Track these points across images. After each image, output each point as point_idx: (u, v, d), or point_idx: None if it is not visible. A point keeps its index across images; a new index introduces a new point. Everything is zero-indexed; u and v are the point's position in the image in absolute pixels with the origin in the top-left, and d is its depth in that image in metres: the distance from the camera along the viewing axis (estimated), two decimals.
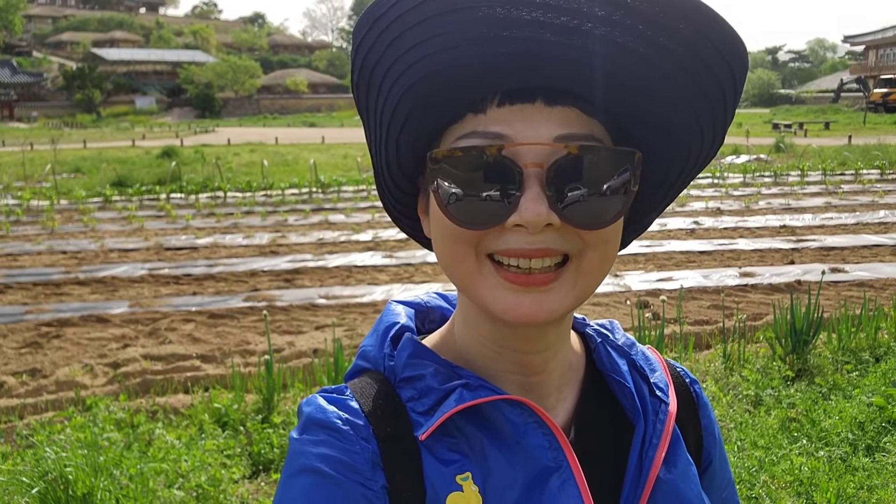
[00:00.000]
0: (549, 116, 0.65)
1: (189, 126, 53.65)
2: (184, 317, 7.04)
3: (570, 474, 0.70)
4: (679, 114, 0.67)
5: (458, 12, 0.61)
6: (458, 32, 0.62)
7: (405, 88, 0.66)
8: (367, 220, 12.32)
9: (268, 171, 17.96)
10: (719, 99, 0.66)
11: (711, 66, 0.63)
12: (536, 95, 0.65)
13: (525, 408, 0.71)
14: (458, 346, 0.77)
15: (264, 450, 4.00)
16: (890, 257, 8.88)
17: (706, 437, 0.85)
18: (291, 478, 0.68)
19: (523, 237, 0.64)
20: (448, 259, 0.70)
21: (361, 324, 6.75)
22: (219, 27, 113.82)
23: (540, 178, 0.64)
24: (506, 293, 0.66)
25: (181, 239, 10.89)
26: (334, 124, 54.82)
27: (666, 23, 0.61)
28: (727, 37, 0.62)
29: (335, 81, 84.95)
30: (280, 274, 8.71)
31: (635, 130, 0.69)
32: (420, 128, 0.70)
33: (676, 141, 0.70)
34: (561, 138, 0.64)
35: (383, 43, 0.65)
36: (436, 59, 0.64)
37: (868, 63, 74.51)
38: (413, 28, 0.63)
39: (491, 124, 0.66)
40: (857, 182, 15.79)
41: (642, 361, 0.82)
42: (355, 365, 0.80)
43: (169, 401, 4.76)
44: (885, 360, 4.83)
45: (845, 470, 3.43)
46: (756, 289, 7.61)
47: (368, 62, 0.67)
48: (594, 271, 0.68)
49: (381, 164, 0.75)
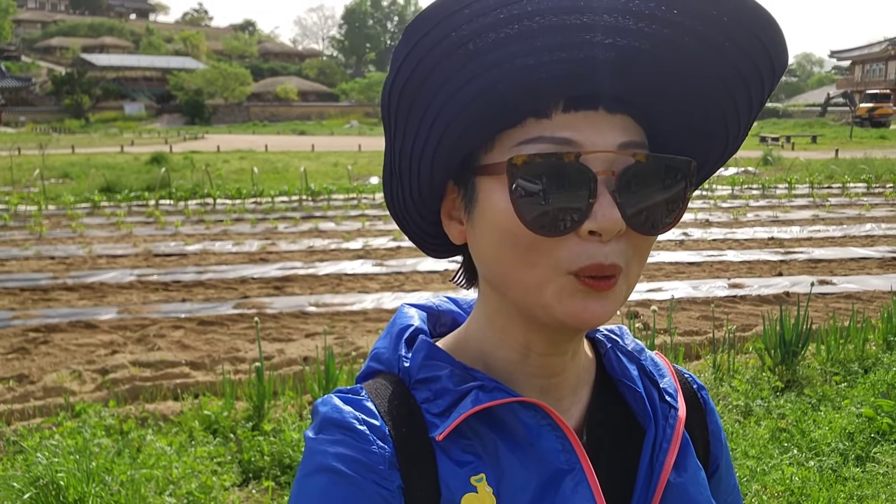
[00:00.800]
0: (612, 123, 0.66)
1: (178, 132, 53.50)
2: (173, 323, 7.00)
3: (583, 476, 0.71)
4: (723, 112, 0.70)
5: (539, 17, 0.62)
6: (540, 39, 0.62)
7: (478, 91, 0.65)
8: (358, 228, 12.32)
9: (258, 178, 17.93)
10: (758, 89, 0.69)
11: (752, 56, 0.66)
12: (598, 102, 0.66)
13: (539, 410, 0.72)
14: (477, 349, 0.77)
15: (255, 457, 3.98)
16: (877, 270, 8.96)
17: (713, 442, 0.86)
18: (307, 477, 0.68)
19: (599, 248, 0.65)
20: (514, 264, 0.68)
21: (352, 332, 6.74)
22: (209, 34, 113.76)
23: (610, 185, 0.65)
24: (576, 297, 0.67)
25: (170, 245, 10.84)
26: (324, 132, 54.81)
27: (716, 19, 0.63)
28: (769, 27, 0.64)
29: (325, 90, 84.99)
30: (270, 281, 8.69)
31: (669, 133, 0.72)
32: (470, 129, 0.68)
33: (711, 140, 0.73)
34: (624, 146, 0.66)
35: (451, 44, 0.63)
36: (512, 65, 0.63)
37: (854, 78, 75.36)
38: (487, 33, 0.62)
39: (557, 130, 0.66)
40: (844, 195, 15.94)
41: (651, 367, 0.82)
42: (368, 367, 0.80)
43: (158, 407, 4.72)
44: (873, 372, 4.87)
45: (836, 480, 3.45)
46: (745, 300, 7.66)
47: (428, 62, 0.65)
48: (635, 277, 0.70)
49: (409, 166, 0.73)
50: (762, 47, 0.65)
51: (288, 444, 4.00)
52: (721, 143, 0.73)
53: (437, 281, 8.69)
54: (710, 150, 0.74)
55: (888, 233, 11.22)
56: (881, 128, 46.27)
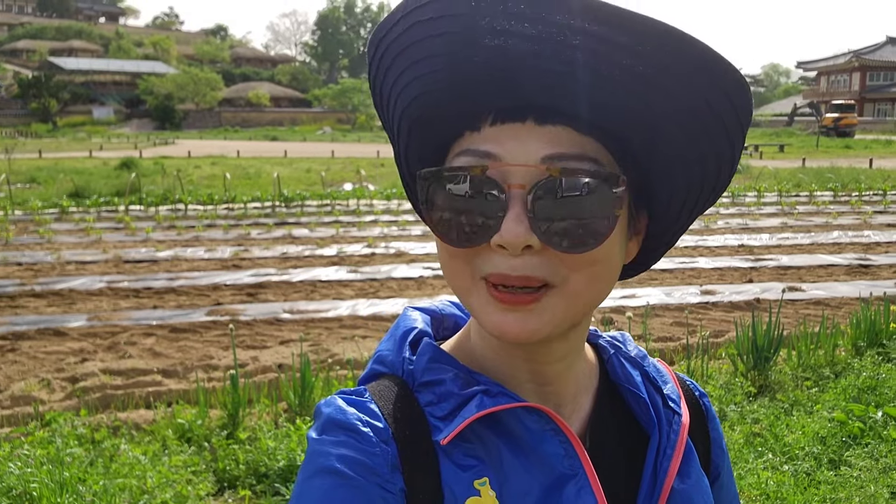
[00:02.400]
0: (540, 136, 0.65)
1: (148, 137, 52.88)
2: (144, 331, 6.90)
3: (587, 482, 0.71)
4: (674, 142, 0.67)
5: (441, 36, 0.63)
6: (453, 53, 0.63)
7: (403, 108, 0.70)
8: (332, 234, 12.26)
9: (230, 184, 17.77)
10: (718, 128, 0.66)
11: (704, 95, 0.63)
12: (527, 114, 0.65)
13: (542, 415, 0.72)
14: (476, 353, 0.78)
15: (230, 466, 3.93)
16: (844, 277, 9.12)
17: (715, 449, 0.86)
18: (310, 478, 0.68)
19: (507, 260, 0.65)
20: (446, 272, 0.72)
21: (327, 339, 6.70)
22: (180, 39, 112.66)
23: (523, 199, 0.64)
24: (494, 310, 0.67)
25: (141, 252, 10.70)
26: (297, 138, 54.55)
27: (644, 53, 0.60)
28: (716, 65, 0.62)
29: (298, 95, 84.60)
30: (243, 288, 8.60)
31: (635, 152, 0.68)
32: (422, 143, 0.72)
33: (676, 168, 0.69)
34: (548, 158, 0.64)
35: (387, 61, 0.68)
36: (433, 77, 0.66)
37: (820, 88, 76.90)
38: (411, 47, 0.65)
39: (482, 143, 0.67)
40: (812, 203, 16.22)
41: (654, 373, 0.83)
42: (371, 369, 0.80)
43: (130, 416, 4.65)
44: (844, 377, 4.95)
45: (810, 484, 3.49)
46: (717, 306, 7.75)
47: (377, 80, 0.71)
48: (583, 293, 0.68)
49: (404, 174, 0.78)
50: (707, 81, 0.62)
51: (264, 453, 3.95)
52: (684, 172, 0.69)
53: (413, 287, 8.67)
54: (676, 176, 0.70)
55: (855, 240, 11.43)
56: (846, 137, 47.22)
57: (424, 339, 0.78)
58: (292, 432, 4.16)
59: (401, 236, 12.10)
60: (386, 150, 37.30)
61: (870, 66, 69.67)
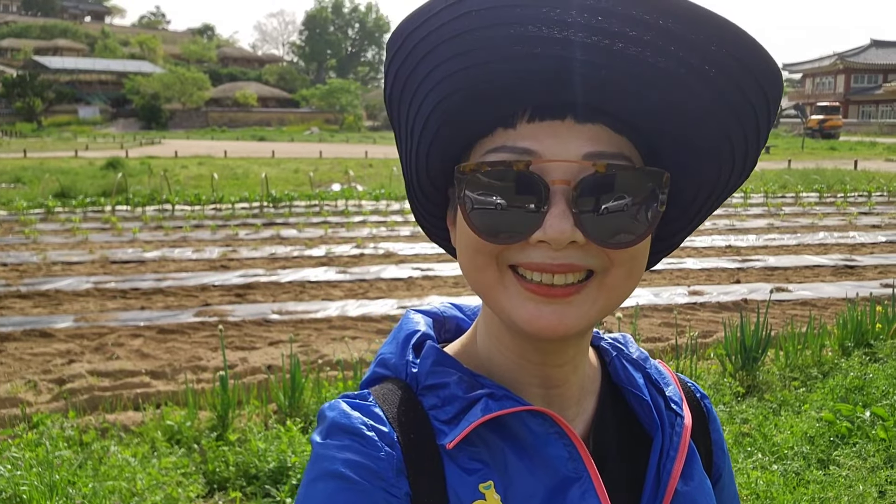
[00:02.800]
0: (579, 133, 0.65)
1: (134, 137, 52.55)
2: (132, 332, 6.86)
3: (591, 485, 0.71)
4: (710, 135, 0.67)
5: (491, 28, 0.62)
6: (491, 49, 0.62)
7: (437, 101, 0.67)
8: (320, 235, 12.22)
9: (217, 184, 17.69)
10: (751, 120, 0.66)
11: (743, 89, 0.64)
12: (566, 112, 0.66)
13: (547, 418, 0.72)
14: (481, 356, 0.77)
15: (220, 468, 3.91)
16: (830, 277, 9.19)
17: (716, 451, 0.87)
18: (314, 482, 0.67)
19: (546, 252, 0.65)
20: (471, 268, 0.71)
21: (316, 339, 6.68)
22: (166, 38, 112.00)
23: (567, 195, 0.64)
24: (527, 304, 0.67)
25: (128, 252, 10.63)
26: (284, 139, 54.36)
27: (698, 44, 0.61)
28: (760, 59, 0.62)
29: (285, 95, 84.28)
30: (231, 289, 8.57)
31: (666, 149, 0.69)
32: (450, 139, 0.70)
33: (707, 161, 0.70)
34: (590, 156, 0.65)
35: (417, 55, 0.66)
36: (468, 73, 0.64)
37: (805, 90, 77.51)
38: (447, 42, 0.63)
39: (520, 139, 0.66)
40: (798, 204, 16.34)
41: (656, 375, 0.83)
42: (373, 372, 0.79)
43: (119, 418, 4.62)
44: (831, 377, 4.98)
45: (799, 483, 3.52)
46: (705, 307, 7.79)
47: (402, 73, 0.68)
48: (618, 288, 0.68)
49: (412, 174, 0.76)
50: (749, 75, 0.63)
51: (254, 454, 3.94)
52: (715, 164, 0.70)
53: (402, 288, 8.66)
54: (706, 170, 0.71)
55: (840, 241, 11.53)
56: (831, 139, 47.61)
57: (428, 343, 0.78)
58: (282, 434, 4.14)
59: (389, 237, 12.08)
60: (374, 150, 37.25)
61: (854, 69, 70.29)
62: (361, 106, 75.28)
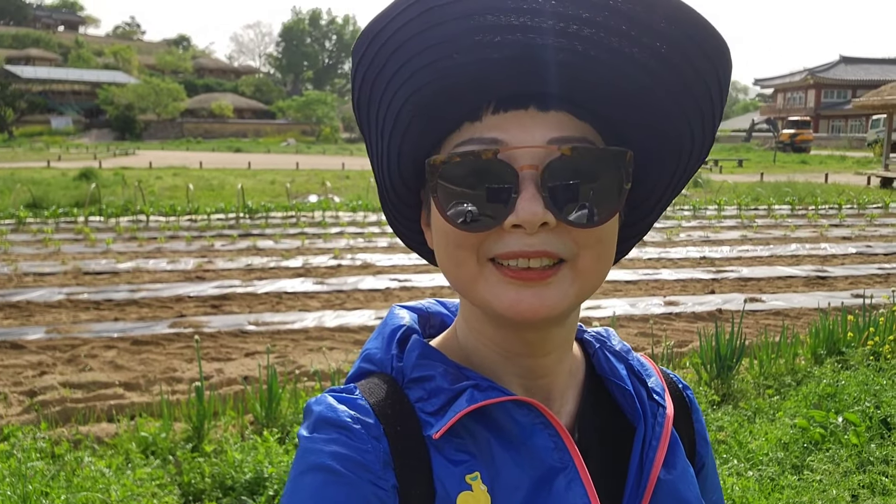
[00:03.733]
0: (543, 121, 0.68)
1: (108, 148, 51.95)
2: (105, 343, 6.77)
3: (576, 474, 0.72)
4: (667, 113, 0.69)
5: (453, 21, 0.64)
6: (454, 41, 0.65)
7: (407, 96, 0.69)
8: (297, 246, 12.17)
9: (192, 195, 17.55)
10: (706, 97, 0.69)
11: (695, 65, 0.66)
12: (529, 102, 0.68)
13: (532, 409, 0.73)
14: (465, 349, 0.78)
15: (195, 479, 3.86)
16: (802, 288, 9.33)
17: (699, 441, 0.88)
18: (302, 475, 0.68)
19: (521, 238, 0.67)
20: (450, 264, 0.72)
21: (293, 350, 6.64)
22: (141, 48, 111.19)
23: (535, 179, 0.66)
24: (507, 289, 0.68)
25: (101, 263, 10.49)
26: (260, 150, 54.07)
27: (649, 22, 0.63)
28: (709, 35, 0.65)
29: (261, 107, 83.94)
30: (207, 300, 8.49)
31: (626, 131, 0.71)
32: (420, 136, 0.72)
33: (667, 141, 0.72)
34: (554, 140, 0.67)
35: (383, 56, 0.68)
36: (435, 67, 0.66)
37: (777, 105, 78.79)
38: (413, 38, 0.65)
39: (486, 131, 0.69)
40: (770, 217, 16.56)
41: (639, 367, 0.84)
42: (359, 368, 0.80)
43: (92, 430, 4.55)
44: (804, 384, 5.05)
45: (774, 489, 3.56)
46: (680, 317, 7.86)
47: (369, 76, 0.70)
48: (591, 271, 0.70)
49: (384, 177, 0.77)
50: (700, 52, 0.65)
51: (230, 466, 3.89)
52: (675, 145, 0.72)
53: (379, 299, 8.64)
54: (666, 151, 0.73)
55: (812, 252, 11.70)
56: (802, 153, 48.33)
57: (413, 336, 0.78)
58: (259, 445, 4.11)
59: (367, 248, 12.06)
60: (351, 162, 37.20)
61: (824, 84, 71.60)
62: (338, 118, 75.15)
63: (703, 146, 0.73)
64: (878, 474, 3.63)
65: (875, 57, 76.81)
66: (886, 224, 15.05)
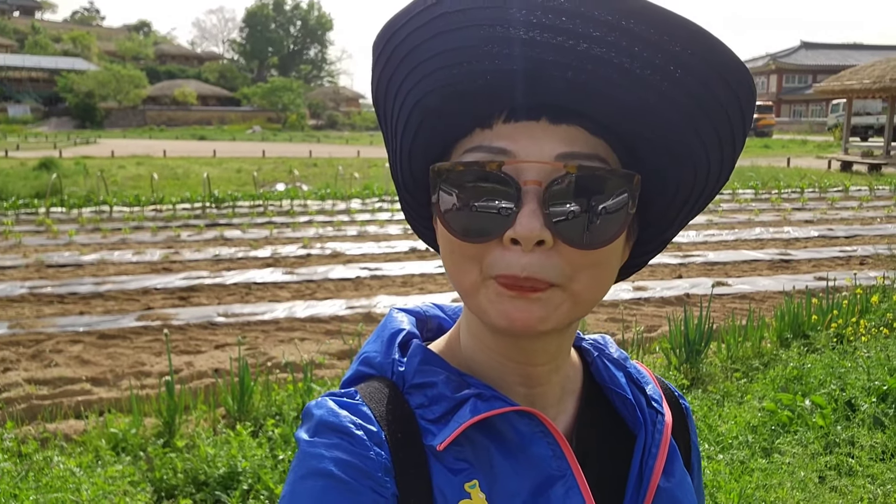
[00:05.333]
0: (553, 135, 0.66)
1: (68, 137, 50.80)
2: (71, 338, 6.64)
3: (574, 482, 0.72)
4: (681, 136, 0.68)
5: (464, 29, 0.63)
6: (465, 49, 0.64)
7: (416, 100, 0.68)
8: (265, 235, 12.05)
9: (157, 184, 17.26)
10: (723, 121, 0.67)
11: (711, 88, 0.64)
12: (541, 113, 0.67)
13: (532, 417, 0.73)
14: (464, 355, 0.78)
15: (167, 475, 3.82)
16: (767, 272, 9.49)
17: (693, 448, 0.89)
18: (303, 479, 0.67)
19: (518, 256, 0.65)
20: (453, 269, 0.71)
21: (264, 342, 6.59)
22: (101, 34, 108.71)
23: (538, 195, 0.65)
24: (502, 299, 0.67)
25: (64, 256, 10.29)
26: (226, 138, 53.33)
27: (661, 44, 0.62)
28: (727, 61, 0.63)
29: (226, 94, 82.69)
30: (174, 292, 8.38)
31: (642, 152, 0.69)
32: (430, 139, 0.72)
33: (681, 164, 0.70)
34: (562, 157, 0.66)
35: (398, 57, 0.67)
36: (445, 73, 0.66)
37: None
38: (425, 43, 0.65)
39: (496, 139, 0.67)
40: (735, 201, 16.80)
41: (636, 374, 0.85)
42: (356, 371, 0.79)
43: (59, 427, 4.47)
44: (771, 367, 5.15)
45: (744, 471, 3.62)
46: (649, 302, 7.95)
47: (385, 74, 0.70)
48: (584, 293, 0.68)
49: (398, 174, 0.77)
50: (715, 75, 0.64)
51: (203, 461, 3.86)
52: (690, 167, 0.70)
53: (350, 288, 8.60)
54: (682, 173, 0.71)
55: (776, 236, 11.90)
56: (765, 137, 49.15)
57: (414, 341, 0.78)
58: (232, 438, 4.07)
59: (336, 237, 11.99)
60: (318, 150, 36.91)
61: (786, 69, 72.70)
62: (304, 105, 74.36)
63: (720, 171, 0.71)
64: (844, 455, 3.72)
65: (835, 42, 78.10)
66: (847, 207, 15.36)
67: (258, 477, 3.76)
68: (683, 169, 0.71)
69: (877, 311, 6.13)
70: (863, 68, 27.05)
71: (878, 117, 39.10)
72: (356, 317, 7.30)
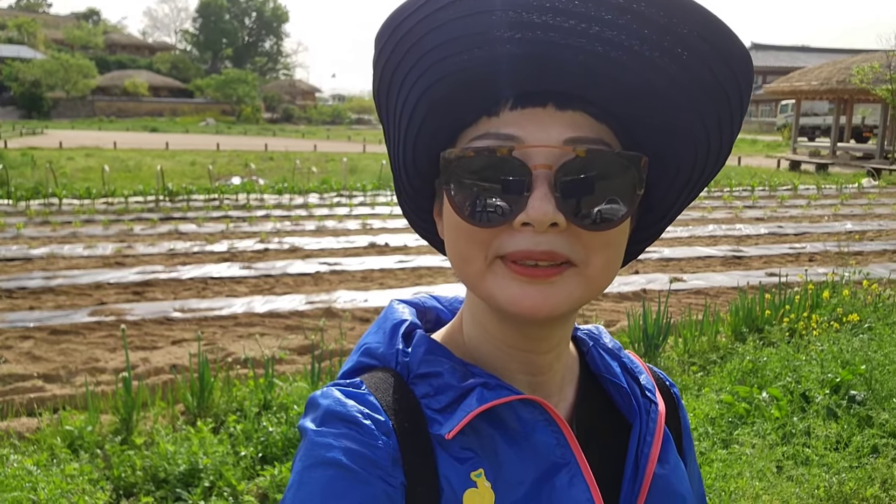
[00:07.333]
0: (560, 120, 0.67)
1: (14, 127, 49.24)
2: (21, 333, 6.46)
3: (578, 469, 0.73)
4: (685, 118, 0.69)
5: (473, 16, 0.63)
6: (473, 36, 0.64)
7: (424, 89, 0.68)
8: (221, 230, 11.87)
9: (108, 177, 16.84)
10: (724, 105, 0.69)
11: (715, 72, 0.66)
12: (547, 100, 0.68)
13: (536, 406, 0.73)
14: (467, 345, 0.78)
15: (125, 473, 3.74)
16: (720, 267, 9.69)
17: (685, 435, 0.91)
18: (310, 469, 0.66)
19: (530, 238, 0.66)
20: (459, 257, 0.72)
21: (222, 337, 6.49)
22: (48, 22, 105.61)
23: (549, 178, 0.66)
24: (512, 285, 0.68)
25: (12, 249, 9.98)
26: (178, 130, 52.30)
27: (671, 27, 0.63)
28: (732, 44, 0.65)
29: (178, 85, 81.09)
30: (128, 286, 8.20)
31: (643, 135, 0.71)
32: (436, 129, 0.71)
33: (683, 146, 0.72)
34: (570, 141, 0.67)
35: (403, 47, 0.67)
36: (453, 61, 0.66)
37: None
38: (432, 31, 0.65)
39: (503, 126, 0.68)
40: None
41: (630, 364, 0.86)
42: (358, 362, 0.78)
43: (11, 425, 4.34)
44: (728, 361, 5.26)
45: (704, 462, 3.70)
46: (607, 297, 8.05)
47: (389, 66, 0.69)
48: (598, 274, 0.70)
49: (400, 166, 0.77)
50: (720, 59, 0.65)
51: (162, 458, 3.79)
52: (691, 149, 0.72)
53: (309, 283, 8.53)
54: (683, 155, 0.72)
55: (728, 233, 12.17)
56: None
57: (418, 331, 0.78)
58: (192, 435, 4.01)
59: (294, 231, 11.87)
60: (274, 143, 36.45)
61: None
62: (259, 97, 73.35)
63: (719, 153, 0.73)
64: (800, 446, 3.83)
65: (785, 44, 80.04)
66: (796, 205, 15.77)
67: (220, 474, 3.71)
68: (684, 151, 0.72)
69: (827, 307, 6.31)
70: (811, 70, 27.81)
71: (825, 118, 40.15)
72: (316, 312, 7.24)
